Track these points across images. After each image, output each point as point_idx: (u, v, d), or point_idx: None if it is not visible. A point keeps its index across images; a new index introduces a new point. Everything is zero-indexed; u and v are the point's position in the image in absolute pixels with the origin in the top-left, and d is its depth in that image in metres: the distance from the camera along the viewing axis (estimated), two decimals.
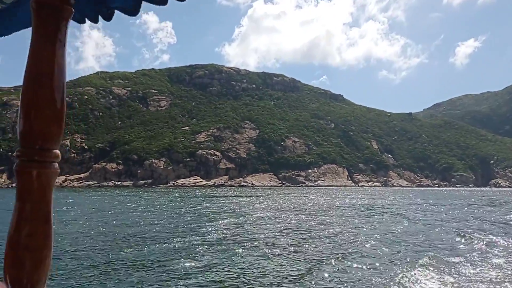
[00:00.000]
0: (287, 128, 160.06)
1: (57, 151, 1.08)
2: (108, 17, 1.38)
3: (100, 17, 1.40)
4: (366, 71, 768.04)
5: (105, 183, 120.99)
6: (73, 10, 1.08)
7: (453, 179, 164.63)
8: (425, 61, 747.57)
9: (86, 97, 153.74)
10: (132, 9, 1.30)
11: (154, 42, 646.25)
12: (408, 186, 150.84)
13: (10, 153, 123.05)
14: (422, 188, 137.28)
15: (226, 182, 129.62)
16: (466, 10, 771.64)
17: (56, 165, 1.05)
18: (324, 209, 38.04)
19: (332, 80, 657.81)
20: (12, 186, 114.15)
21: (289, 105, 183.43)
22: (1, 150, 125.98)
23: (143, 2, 1.27)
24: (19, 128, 1.02)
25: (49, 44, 1.05)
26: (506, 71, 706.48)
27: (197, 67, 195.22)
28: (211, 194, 72.95)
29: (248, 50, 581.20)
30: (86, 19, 1.41)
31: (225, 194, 72.96)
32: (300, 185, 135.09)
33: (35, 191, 1.02)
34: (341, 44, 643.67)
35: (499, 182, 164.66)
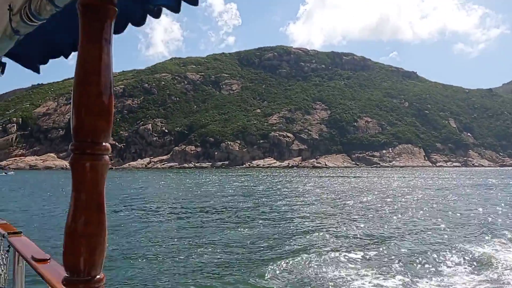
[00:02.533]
0: (359, 108, 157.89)
1: (107, 144, 1.14)
2: (156, 15, 1.43)
3: (149, 16, 1.46)
4: (440, 45, 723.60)
5: (185, 165, 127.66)
6: (117, 10, 1.14)
7: None
8: (506, 31, 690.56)
9: (163, 83, 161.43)
10: (175, 6, 1.37)
11: (220, 24, 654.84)
12: (490, 166, 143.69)
13: None
14: (508, 168, 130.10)
15: (300, 163, 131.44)
16: None
17: (107, 157, 1.11)
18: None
19: (403, 56, 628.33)
20: None
21: (360, 84, 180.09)
22: None
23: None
24: (72, 123, 1.09)
25: (95, 44, 1.11)
26: None
27: (266, 49, 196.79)
28: (313, 175, 74.92)
29: (314, 29, 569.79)
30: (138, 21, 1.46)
31: (319, 175, 74.67)
32: (375, 166, 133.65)
33: (89, 182, 1.08)
34: (413, 17, 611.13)
35: None
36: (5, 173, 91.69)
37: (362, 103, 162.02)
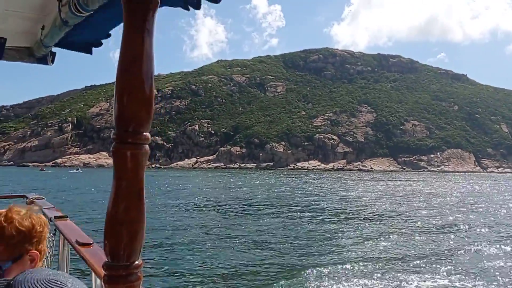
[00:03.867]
0: (406, 111, 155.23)
1: (147, 134, 1.14)
2: (197, 5, 1.47)
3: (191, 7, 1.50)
4: (492, 46, 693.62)
5: (230, 165, 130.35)
6: (159, 1, 1.17)
7: None
8: None
9: (210, 85, 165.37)
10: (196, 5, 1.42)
11: (263, 26, 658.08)
12: None
13: None
14: None
15: (345, 166, 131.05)
16: None
17: (147, 146, 1.14)
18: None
19: (452, 57, 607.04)
20: (152, 167, 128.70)
21: (407, 87, 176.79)
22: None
23: None
24: (114, 112, 1.14)
25: (138, 34, 1.14)
26: None
27: (311, 52, 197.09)
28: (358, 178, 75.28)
29: (358, 29, 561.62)
30: (186, 5, 1.51)
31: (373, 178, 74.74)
32: (422, 170, 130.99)
33: (129, 170, 1.13)
34: (463, 17, 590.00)
35: None
36: (76, 170, 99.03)
37: (409, 106, 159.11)
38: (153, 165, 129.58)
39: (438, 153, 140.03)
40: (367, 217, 21.74)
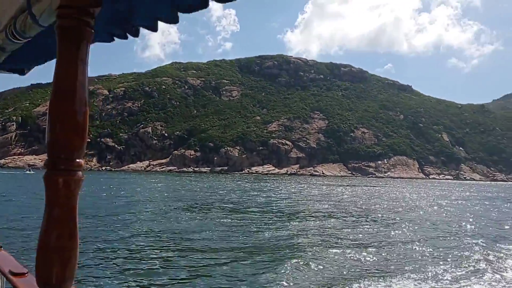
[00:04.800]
0: (356, 119, 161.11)
1: (81, 161, 1.15)
2: (135, 34, 1.54)
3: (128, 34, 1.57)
4: (435, 59, 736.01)
5: (184, 169, 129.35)
6: (93, 32, 1.20)
7: None
8: (500, 48, 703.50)
9: (164, 87, 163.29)
10: (153, 26, 1.47)
11: (218, 30, 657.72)
12: (481, 180, 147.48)
13: (98, 139, 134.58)
14: (498, 183, 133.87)
15: (298, 171, 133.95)
16: None
17: (80, 173, 1.15)
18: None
19: (398, 68, 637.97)
20: (102, 169, 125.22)
21: (357, 95, 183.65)
22: (91, 136, 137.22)
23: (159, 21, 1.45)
24: (47, 139, 1.14)
25: (71, 63, 1.16)
26: None
27: (266, 58, 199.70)
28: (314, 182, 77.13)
29: (311, 37, 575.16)
30: (115, 38, 1.57)
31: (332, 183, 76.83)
32: (370, 176, 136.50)
33: (62, 197, 1.13)
34: (410, 30, 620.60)
35: None
36: (27, 171, 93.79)
37: (359, 114, 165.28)
38: (103, 168, 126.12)
39: (385, 160, 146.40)
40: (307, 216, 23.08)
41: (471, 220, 24.77)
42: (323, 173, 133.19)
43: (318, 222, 21.73)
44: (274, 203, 32.62)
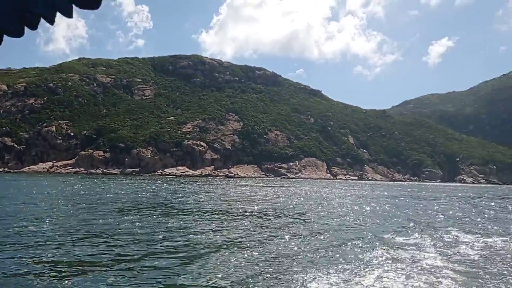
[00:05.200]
0: (269, 121, 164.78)
1: None
2: (34, 25, 1.46)
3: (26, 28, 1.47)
4: (342, 66, 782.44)
5: (92, 170, 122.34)
6: None
7: (422, 175, 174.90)
8: (400, 58, 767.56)
9: (70, 83, 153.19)
10: (50, 18, 1.43)
11: (129, 26, 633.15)
12: (382, 180, 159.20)
13: None
14: (396, 182, 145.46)
15: (213, 172, 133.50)
16: (443, 9, 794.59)
17: None
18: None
19: (309, 73, 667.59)
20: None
21: (271, 98, 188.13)
22: None
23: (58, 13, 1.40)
24: None
25: None
26: (473, 72, 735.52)
27: (181, 57, 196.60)
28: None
29: (226, 39, 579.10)
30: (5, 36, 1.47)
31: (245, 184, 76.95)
32: (282, 176, 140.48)
33: None
34: (320, 37, 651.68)
35: (464, 178, 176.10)
36: None
37: (273, 117, 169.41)
38: (1, 169, 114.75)
39: (297, 161, 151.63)
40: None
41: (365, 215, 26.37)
42: (237, 174, 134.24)
43: (244, 221, 21.62)
44: (193, 203, 31.99)
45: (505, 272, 12.22)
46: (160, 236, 16.35)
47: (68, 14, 1.39)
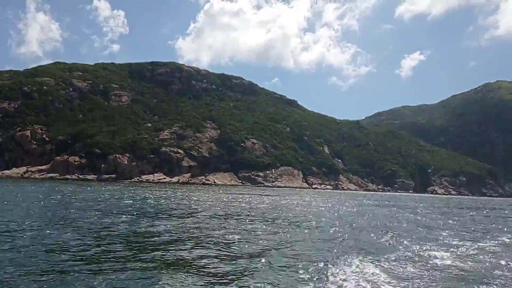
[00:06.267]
0: (246, 130, 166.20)
1: None
2: None
3: None
4: (317, 76, 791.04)
5: (68, 176, 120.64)
6: None
7: (395, 185, 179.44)
8: (373, 70, 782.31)
9: (45, 87, 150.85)
10: None
11: (105, 30, 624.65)
12: (356, 190, 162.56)
13: None
14: (370, 192, 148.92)
15: (190, 180, 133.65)
16: (415, 24, 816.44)
17: None
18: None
19: (284, 83, 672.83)
20: None
21: (247, 107, 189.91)
22: None
23: None
24: None
25: None
26: (443, 86, 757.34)
27: (158, 64, 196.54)
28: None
29: (202, 46, 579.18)
30: None
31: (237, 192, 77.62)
32: (259, 185, 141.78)
33: None
34: (296, 47, 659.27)
35: (436, 189, 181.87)
36: None
37: (250, 126, 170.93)
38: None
39: (273, 170, 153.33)
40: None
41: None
42: (214, 182, 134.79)
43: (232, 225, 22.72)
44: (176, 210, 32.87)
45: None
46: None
47: None
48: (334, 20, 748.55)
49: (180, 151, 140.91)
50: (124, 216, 24.48)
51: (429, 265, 14.11)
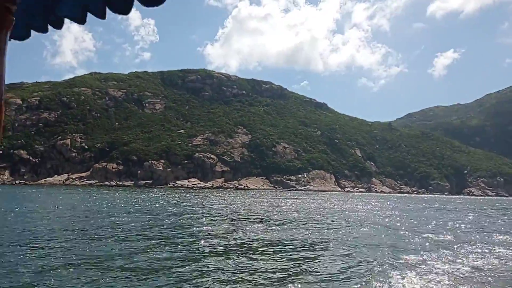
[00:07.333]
0: (277, 134, 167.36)
1: None
2: (58, 25, 1.48)
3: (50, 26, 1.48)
4: (347, 78, 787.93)
5: (106, 182, 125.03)
6: (14, 19, 1.11)
7: (430, 187, 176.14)
8: (405, 70, 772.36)
9: (83, 97, 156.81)
10: (80, 18, 1.41)
11: (136, 39, 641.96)
12: (390, 193, 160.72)
13: (11, 150, 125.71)
14: (405, 195, 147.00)
15: (223, 185, 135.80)
16: (448, 22, 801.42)
17: None
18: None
19: (313, 86, 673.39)
20: (15, 183, 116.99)
21: (277, 112, 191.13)
22: (2, 147, 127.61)
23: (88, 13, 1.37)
24: None
25: None
26: (478, 84, 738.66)
27: (189, 71, 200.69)
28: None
29: (231, 52, 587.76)
30: (32, 31, 1.47)
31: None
32: (291, 189, 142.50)
33: None
34: (324, 50, 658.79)
35: (472, 191, 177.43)
36: None
37: (280, 130, 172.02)
38: (17, 182, 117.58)
39: (305, 174, 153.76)
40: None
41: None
42: (247, 187, 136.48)
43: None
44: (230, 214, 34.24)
45: None
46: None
47: (102, 16, 1.36)
48: (364, 20, 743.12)
49: (213, 156, 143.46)
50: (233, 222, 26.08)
51: None
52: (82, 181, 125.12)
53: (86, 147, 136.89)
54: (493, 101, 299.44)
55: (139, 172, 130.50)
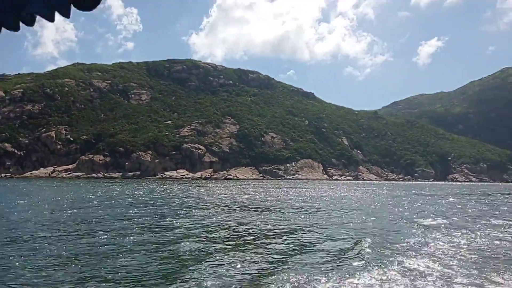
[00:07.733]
0: (265, 124, 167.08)
1: None
2: (30, 22, 1.49)
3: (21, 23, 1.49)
4: (333, 67, 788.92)
5: (93, 175, 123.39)
6: None
7: (415, 174, 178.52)
8: (390, 59, 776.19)
9: (66, 89, 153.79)
10: (49, 15, 1.45)
11: (119, 29, 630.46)
12: (377, 180, 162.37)
13: None
14: (391, 182, 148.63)
15: (212, 175, 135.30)
16: (432, 10, 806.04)
17: None
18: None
19: (300, 75, 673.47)
20: (1, 176, 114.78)
21: (265, 101, 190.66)
22: None
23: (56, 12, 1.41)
24: None
25: None
26: (461, 73, 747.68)
27: (175, 62, 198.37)
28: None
29: (216, 41, 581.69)
30: (3, 29, 1.47)
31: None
32: (280, 178, 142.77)
33: None
34: (310, 39, 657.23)
35: (456, 177, 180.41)
36: None
37: (268, 120, 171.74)
38: (3, 175, 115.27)
39: (293, 163, 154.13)
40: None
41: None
42: (236, 177, 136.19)
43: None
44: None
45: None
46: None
47: (66, 14, 1.39)
48: (349, 9, 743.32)
49: (201, 147, 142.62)
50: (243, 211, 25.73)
51: None
52: (69, 174, 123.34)
53: (72, 139, 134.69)
54: (476, 88, 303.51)
55: (126, 163, 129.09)
